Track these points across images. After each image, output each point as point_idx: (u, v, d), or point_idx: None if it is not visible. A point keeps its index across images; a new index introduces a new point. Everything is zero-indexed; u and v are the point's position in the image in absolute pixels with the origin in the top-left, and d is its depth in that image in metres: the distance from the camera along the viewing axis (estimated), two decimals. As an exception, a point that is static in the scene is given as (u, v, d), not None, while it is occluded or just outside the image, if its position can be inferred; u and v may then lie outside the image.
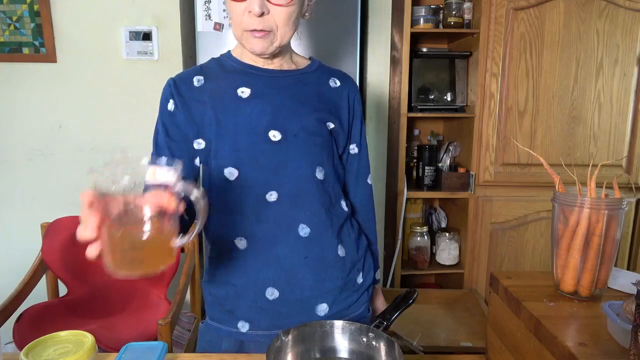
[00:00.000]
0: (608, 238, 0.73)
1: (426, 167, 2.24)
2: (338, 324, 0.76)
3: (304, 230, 0.90)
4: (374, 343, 0.73)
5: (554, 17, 1.96)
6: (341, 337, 0.76)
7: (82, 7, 1.92)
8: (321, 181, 0.92)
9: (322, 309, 0.93)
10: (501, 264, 2.18)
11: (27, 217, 2.02)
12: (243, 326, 0.92)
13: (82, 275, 1.87)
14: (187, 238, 0.63)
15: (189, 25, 2.02)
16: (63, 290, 1.90)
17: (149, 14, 1.93)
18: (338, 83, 0.97)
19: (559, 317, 0.69)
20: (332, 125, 0.94)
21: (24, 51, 1.94)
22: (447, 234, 2.27)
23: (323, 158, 0.92)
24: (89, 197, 0.56)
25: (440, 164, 2.30)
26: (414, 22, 2.09)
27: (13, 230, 2.06)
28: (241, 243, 0.91)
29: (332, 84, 0.97)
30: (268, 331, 0.91)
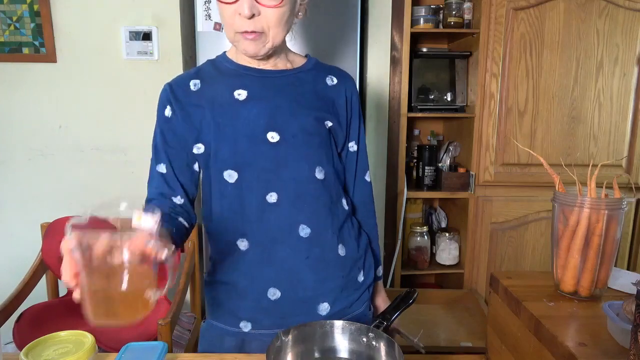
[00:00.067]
0: (608, 238, 0.73)
1: (426, 167, 2.24)
2: (338, 324, 0.76)
3: (305, 230, 0.90)
4: (374, 343, 0.73)
5: (554, 17, 1.96)
6: (341, 337, 0.76)
7: (82, 7, 1.92)
8: (321, 181, 0.91)
9: (324, 308, 0.94)
10: (501, 264, 2.18)
11: (27, 217, 2.02)
12: (245, 326, 0.93)
13: (82, 275, 1.87)
14: (161, 292, 0.61)
15: (189, 25, 2.02)
16: (63, 290, 1.90)
17: (149, 14, 1.93)
18: (335, 81, 0.97)
19: (559, 317, 0.69)
20: (330, 123, 0.93)
21: (24, 51, 1.94)
22: (447, 234, 2.27)
23: (322, 157, 0.92)
24: (69, 245, 0.55)
25: (440, 164, 2.30)
26: (414, 22, 2.09)
27: (13, 230, 2.06)
28: (242, 244, 0.91)
29: (329, 82, 0.96)
30: (270, 330, 0.91)
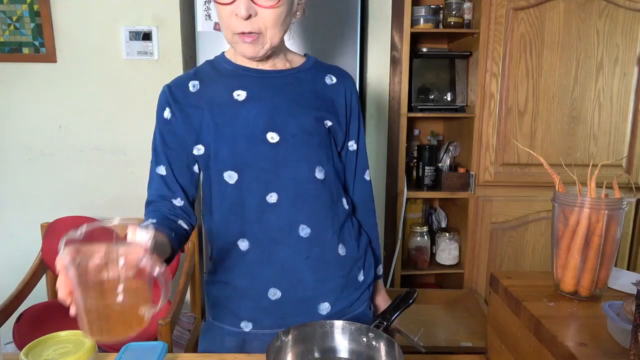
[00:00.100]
0: (608, 238, 0.73)
1: (426, 167, 2.24)
2: (338, 324, 0.76)
3: (305, 230, 0.90)
4: (374, 343, 0.73)
5: (554, 17, 1.96)
6: (341, 337, 0.76)
7: (82, 7, 1.92)
8: (321, 181, 0.91)
9: (325, 308, 0.94)
10: (501, 264, 2.18)
11: (27, 217, 2.02)
12: (246, 326, 0.93)
13: (82, 275, 1.87)
14: (155, 309, 0.60)
15: (189, 25, 2.02)
16: (63, 290, 1.90)
17: (149, 14, 1.93)
18: (334, 80, 0.96)
19: (559, 317, 0.69)
20: (330, 123, 0.93)
21: (24, 51, 1.94)
22: (447, 234, 2.27)
23: (322, 157, 0.92)
24: (63, 262, 0.55)
25: (440, 164, 2.30)
26: (414, 22, 2.09)
27: (13, 230, 2.06)
28: (243, 244, 0.91)
29: (328, 81, 0.96)
30: (271, 330, 0.91)
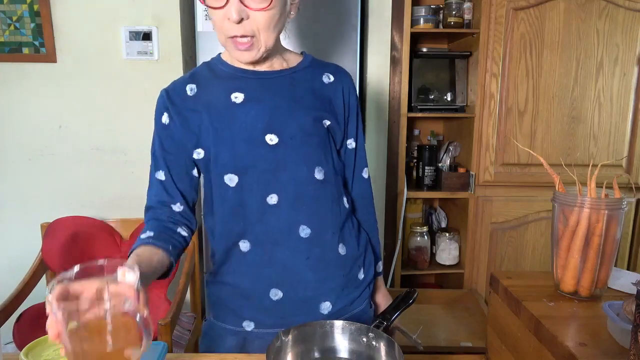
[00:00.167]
0: (608, 238, 0.73)
1: (426, 167, 2.24)
2: (338, 324, 0.76)
3: (305, 231, 0.90)
4: (374, 343, 0.73)
5: (554, 17, 1.96)
6: (341, 337, 0.76)
7: (82, 7, 1.91)
8: (321, 181, 0.91)
9: (326, 307, 0.94)
10: (501, 264, 2.18)
11: (27, 217, 2.02)
12: (248, 325, 0.93)
13: (82, 275, 1.87)
14: (140, 353, 0.58)
15: (189, 25, 2.02)
16: (63, 290, 1.90)
17: (149, 14, 1.93)
18: (332, 78, 0.96)
19: (559, 317, 0.69)
20: (329, 122, 0.93)
21: (24, 51, 1.94)
22: (447, 234, 2.27)
23: (321, 157, 0.92)
24: (51, 304, 0.55)
25: (440, 164, 2.30)
26: (414, 22, 2.09)
27: (13, 230, 2.06)
28: (244, 246, 0.91)
29: (326, 80, 0.95)
30: (273, 329, 0.91)
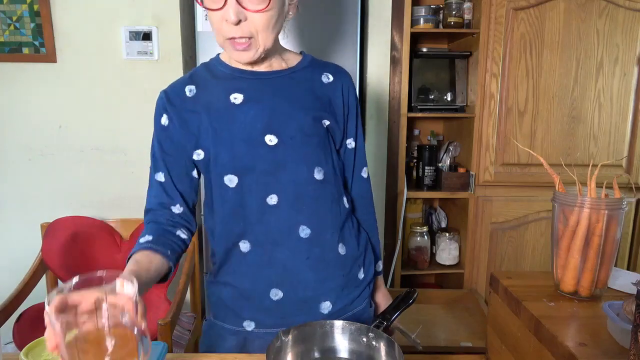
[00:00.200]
0: (608, 238, 0.73)
1: (426, 167, 2.24)
2: (338, 324, 0.76)
3: (305, 231, 0.90)
4: (374, 343, 0.73)
5: (554, 17, 1.96)
6: (341, 337, 0.76)
7: (82, 7, 1.91)
8: (320, 181, 0.91)
9: (326, 307, 0.94)
10: (501, 264, 2.18)
11: (27, 217, 2.02)
12: (249, 325, 0.94)
13: (82, 275, 1.87)
14: None
15: (189, 25, 2.02)
16: (63, 290, 1.89)
17: (149, 14, 1.93)
18: (331, 78, 0.96)
19: (559, 317, 0.69)
20: (328, 122, 0.93)
21: (24, 51, 1.94)
22: (447, 234, 2.27)
23: (321, 158, 0.92)
24: (49, 316, 0.54)
25: (440, 164, 2.30)
26: (414, 22, 2.09)
27: (13, 230, 2.06)
28: (244, 246, 0.91)
29: (325, 80, 0.95)
30: (273, 329, 0.91)
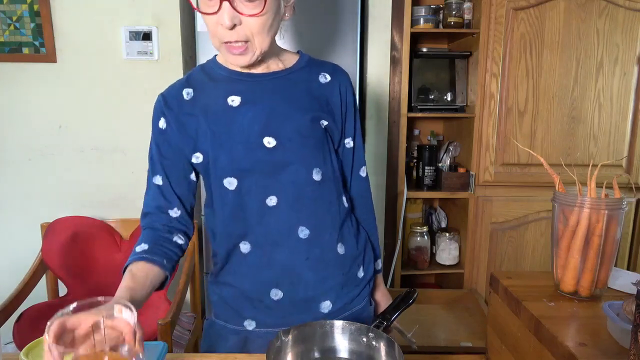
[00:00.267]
0: (608, 238, 0.73)
1: (426, 167, 2.24)
2: (338, 324, 0.76)
3: (304, 232, 0.91)
4: (374, 343, 0.73)
5: (554, 17, 1.96)
6: (341, 337, 0.76)
7: (82, 7, 1.92)
8: (319, 182, 0.91)
9: (326, 306, 0.95)
10: (501, 264, 2.18)
11: (27, 217, 2.02)
12: (250, 324, 0.94)
13: (82, 275, 1.87)
14: None
15: (189, 25, 2.02)
16: (63, 290, 1.90)
17: (149, 14, 1.93)
18: (328, 78, 0.95)
19: (559, 317, 0.69)
20: (326, 122, 0.93)
21: (24, 51, 1.94)
22: (447, 234, 2.27)
23: (319, 158, 0.92)
24: (48, 342, 0.55)
25: (440, 164, 2.30)
26: (414, 22, 2.09)
27: (13, 230, 2.06)
28: (244, 247, 0.92)
29: (322, 80, 0.95)
30: (274, 328, 0.91)
